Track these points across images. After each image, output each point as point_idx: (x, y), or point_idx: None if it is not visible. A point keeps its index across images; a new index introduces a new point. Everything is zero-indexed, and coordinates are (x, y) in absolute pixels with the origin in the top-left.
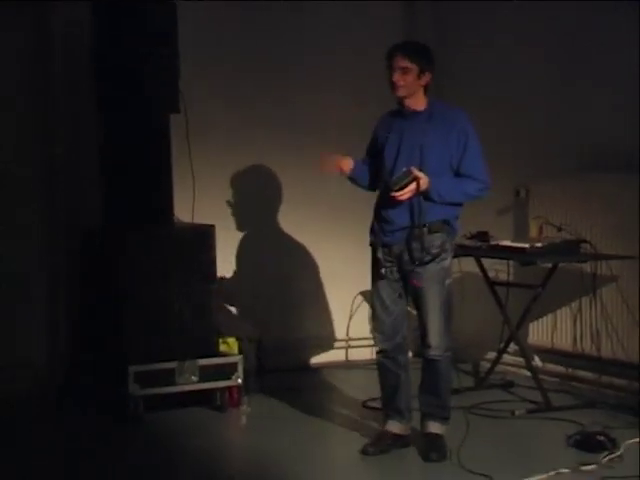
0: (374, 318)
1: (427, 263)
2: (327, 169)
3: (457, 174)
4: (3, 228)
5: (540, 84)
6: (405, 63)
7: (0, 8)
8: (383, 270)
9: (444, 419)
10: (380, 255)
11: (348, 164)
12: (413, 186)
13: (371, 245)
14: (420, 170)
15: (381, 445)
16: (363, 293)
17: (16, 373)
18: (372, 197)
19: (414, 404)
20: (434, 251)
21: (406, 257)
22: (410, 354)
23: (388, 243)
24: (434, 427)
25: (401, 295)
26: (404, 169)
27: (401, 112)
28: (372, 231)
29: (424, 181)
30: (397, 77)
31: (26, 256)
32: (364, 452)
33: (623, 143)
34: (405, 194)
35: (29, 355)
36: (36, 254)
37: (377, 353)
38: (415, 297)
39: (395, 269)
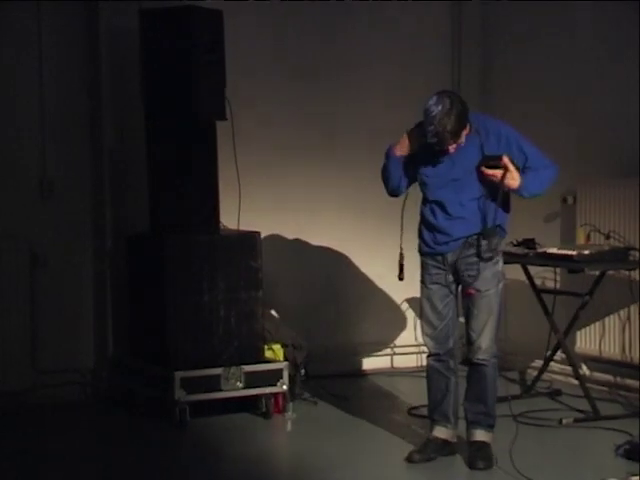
0: (425, 323)
1: (482, 266)
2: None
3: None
4: (51, 233)
5: (588, 88)
6: (454, 141)
7: (49, 10)
8: (436, 276)
9: (490, 427)
10: (431, 263)
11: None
12: (498, 173)
13: (421, 253)
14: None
15: (427, 452)
16: (408, 300)
17: (64, 377)
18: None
19: (460, 412)
20: (488, 254)
21: (461, 265)
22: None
23: (442, 252)
24: (480, 435)
25: (448, 303)
26: (499, 154)
27: None
28: (422, 240)
29: (514, 176)
30: (451, 150)
31: (73, 262)
32: (410, 459)
33: None
34: (488, 174)
35: (76, 360)
36: (83, 259)
37: (428, 357)
38: (469, 301)
39: (449, 275)
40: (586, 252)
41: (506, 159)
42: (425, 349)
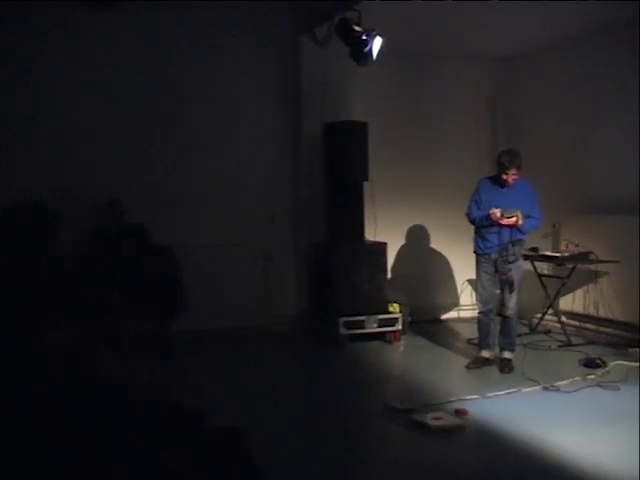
0: (478, 293)
1: (512, 262)
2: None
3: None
4: (274, 243)
5: (569, 147)
6: (516, 175)
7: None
8: (485, 267)
9: (512, 350)
10: (482, 259)
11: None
12: (513, 220)
13: (476, 253)
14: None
15: (477, 364)
16: (468, 280)
17: (280, 319)
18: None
19: (495, 342)
20: (516, 256)
21: (499, 260)
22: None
23: (489, 252)
24: (507, 354)
25: (492, 282)
26: (511, 209)
27: (501, 184)
28: (477, 245)
29: (520, 220)
30: (510, 180)
31: (285, 258)
32: (467, 367)
33: (623, 193)
34: (506, 222)
35: (287, 310)
36: (292, 257)
37: (478, 313)
38: (504, 281)
39: (492, 266)
40: (566, 254)
41: (519, 212)
42: (477, 307)
